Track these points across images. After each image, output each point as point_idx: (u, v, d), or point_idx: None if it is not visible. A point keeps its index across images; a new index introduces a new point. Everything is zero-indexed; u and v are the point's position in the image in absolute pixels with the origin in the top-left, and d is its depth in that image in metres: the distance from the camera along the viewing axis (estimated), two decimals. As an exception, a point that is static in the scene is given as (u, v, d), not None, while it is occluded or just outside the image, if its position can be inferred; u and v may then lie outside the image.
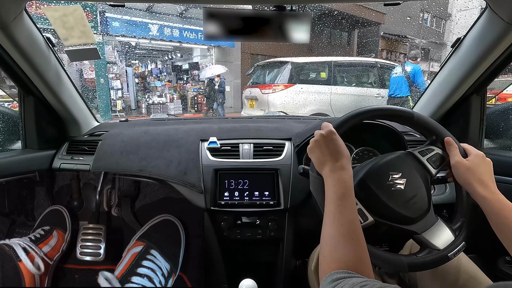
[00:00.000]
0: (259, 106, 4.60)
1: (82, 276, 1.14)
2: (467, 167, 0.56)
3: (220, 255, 0.95)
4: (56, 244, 1.07)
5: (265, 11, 0.75)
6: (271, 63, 5.17)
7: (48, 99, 1.01)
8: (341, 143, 0.57)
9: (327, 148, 0.57)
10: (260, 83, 4.92)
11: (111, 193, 1.29)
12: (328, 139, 0.57)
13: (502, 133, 1.06)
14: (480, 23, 0.80)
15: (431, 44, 17.35)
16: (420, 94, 1.13)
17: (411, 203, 0.58)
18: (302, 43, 0.80)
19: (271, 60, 5.30)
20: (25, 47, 0.82)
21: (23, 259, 0.90)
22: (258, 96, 4.60)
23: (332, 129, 0.58)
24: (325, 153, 0.57)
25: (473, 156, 0.58)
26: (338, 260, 0.44)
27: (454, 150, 0.60)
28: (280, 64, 4.78)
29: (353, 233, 0.47)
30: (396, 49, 15.04)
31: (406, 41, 14.95)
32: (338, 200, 0.51)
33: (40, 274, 0.93)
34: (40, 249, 1.00)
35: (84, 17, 0.89)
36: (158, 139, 1.02)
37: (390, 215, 0.58)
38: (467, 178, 0.56)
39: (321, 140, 0.58)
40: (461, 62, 0.89)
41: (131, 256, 0.94)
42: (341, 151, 0.56)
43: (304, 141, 0.95)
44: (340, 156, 0.55)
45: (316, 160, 0.59)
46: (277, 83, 4.51)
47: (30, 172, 1.04)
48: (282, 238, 0.93)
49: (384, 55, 14.31)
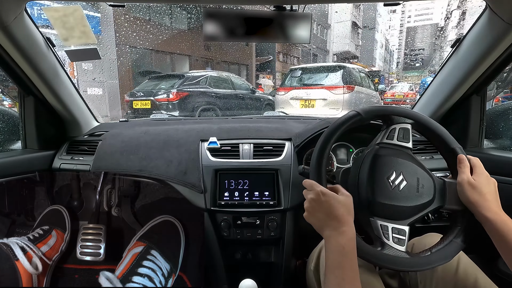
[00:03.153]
0: (329, 105, 4.76)
1: (82, 276, 1.14)
2: (472, 186, 0.55)
3: (220, 255, 0.95)
4: (55, 244, 1.07)
5: (265, 11, 0.75)
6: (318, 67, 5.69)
7: (48, 99, 1.01)
8: (334, 203, 0.53)
9: (320, 213, 0.54)
10: (310, 85, 5.13)
11: (111, 193, 1.29)
12: (319, 202, 0.55)
13: (502, 133, 1.06)
14: (480, 23, 0.80)
15: (319, 50, 19.13)
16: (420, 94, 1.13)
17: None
18: (302, 43, 0.80)
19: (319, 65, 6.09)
20: (25, 47, 0.82)
21: (21, 258, 0.89)
22: (328, 97, 4.77)
23: (320, 190, 0.55)
24: (320, 218, 0.55)
25: (478, 174, 0.57)
26: None
27: (464, 168, 0.58)
28: (333, 68, 5.27)
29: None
30: (290, 53, 15.34)
31: (299, 45, 15.09)
32: (336, 270, 0.49)
33: (38, 274, 0.93)
34: (39, 248, 0.99)
35: (84, 17, 0.89)
36: (158, 139, 1.02)
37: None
38: (472, 198, 0.55)
39: (313, 206, 0.56)
40: (461, 62, 0.89)
41: (131, 256, 0.94)
42: (335, 211, 0.53)
43: (304, 141, 0.95)
44: (335, 217, 0.52)
45: (315, 226, 0.57)
46: (337, 85, 4.86)
47: (30, 172, 1.04)
48: (282, 238, 0.93)
49: (281, 57, 14.58)
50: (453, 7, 36.20)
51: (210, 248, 0.94)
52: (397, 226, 0.58)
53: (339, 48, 22.16)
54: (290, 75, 5.47)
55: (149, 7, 8.24)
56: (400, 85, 12.12)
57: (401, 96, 10.48)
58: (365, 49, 30.75)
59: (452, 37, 35.44)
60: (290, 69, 5.76)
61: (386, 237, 0.58)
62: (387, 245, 0.57)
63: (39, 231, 1.07)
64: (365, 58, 30.79)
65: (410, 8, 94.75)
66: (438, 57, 50.12)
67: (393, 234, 0.58)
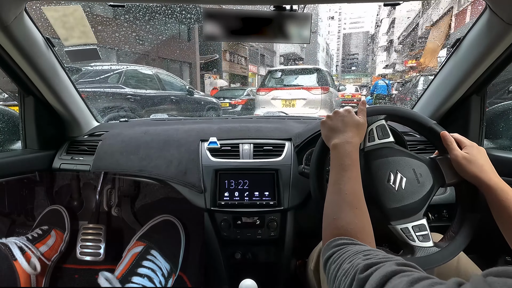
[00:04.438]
0: (308, 104, 5.06)
1: (82, 276, 1.14)
2: (468, 160, 0.57)
3: (220, 255, 0.95)
4: (54, 244, 1.06)
5: (265, 11, 0.75)
6: (296, 69, 6.13)
7: (48, 99, 1.01)
8: (351, 119, 0.59)
9: (338, 121, 0.60)
10: (290, 85, 5.45)
11: (111, 193, 1.29)
12: (340, 114, 0.60)
13: (502, 133, 1.06)
14: (479, 24, 0.80)
15: (266, 50, 18.95)
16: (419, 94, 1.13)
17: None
18: (302, 43, 0.80)
19: (297, 67, 6.38)
20: (25, 47, 0.82)
21: (19, 259, 0.89)
22: (307, 97, 5.08)
23: (349, 108, 0.61)
24: (334, 125, 0.60)
25: (468, 148, 0.58)
26: (342, 227, 0.45)
27: (452, 144, 0.60)
28: (310, 71, 5.80)
29: (357, 202, 0.48)
30: (238, 52, 14.62)
31: (246, 44, 14.70)
32: (343, 171, 0.52)
33: (36, 274, 0.92)
34: (37, 248, 0.99)
35: (84, 17, 0.89)
36: (158, 139, 1.02)
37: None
38: (472, 171, 0.56)
39: (335, 114, 0.61)
40: (461, 63, 0.89)
41: (131, 256, 0.94)
42: (348, 124, 0.58)
43: (304, 141, 0.95)
44: (346, 129, 0.58)
45: (325, 132, 0.62)
46: (314, 86, 5.23)
47: (30, 172, 1.04)
48: (282, 238, 0.93)
49: (227, 56, 13.61)
50: (383, 16, 38.43)
51: (210, 248, 0.94)
52: (416, 223, 0.58)
53: (286, 50, 22.23)
54: (270, 76, 5.74)
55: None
56: (347, 87, 14.00)
57: (349, 96, 12.12)
58: (309, 52, 31.35)
59: (383, 43, 37.62)
60: (268, 70, 6.05)
61: (412, 239, 0.58)
62: (416, 248, 0.57)
63: (38, 231, 1.06)
64: (310, 60, 31.49)
65: (345, 16, 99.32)
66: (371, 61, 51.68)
67: (416, 233, 0.58)
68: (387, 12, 35.15)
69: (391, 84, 9.53)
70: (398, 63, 26.60)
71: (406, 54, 23.30)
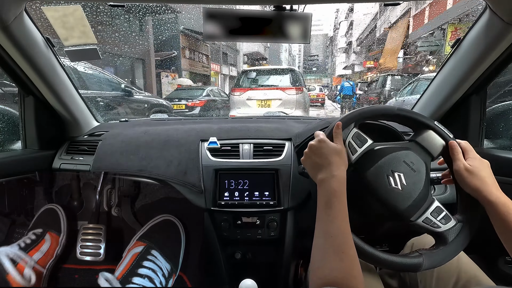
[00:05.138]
0: (283, 105, 5.09)
1: (82, 276, 1.14)
2: (470, 172, 0.56)
3: (220, 255, 0.95)
4: (49, 249, 1.03)
5: (265, 11, 0.75)
6: (271, 69, 6.07)
7: (48, 99, 1.01)
8: (330, 150, 0.57)
9: (316, 156, 0.58)
10: (265, 86, 5.43)
11: (111, 193, 1.29)
12: (317, 147, 0.58)
13: (502, 133, 1.06)
14: (479, 24, 0.80)
15: (228, 49, 17.77)
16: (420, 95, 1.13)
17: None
18: (302, 43, 0.80)
19: (271, 67, 6.32)
20: (25, 47, 0.82)
21: (11, 272, 0.85)
22: (282, 97, 5.12)
23: (322, 137, 0.58)
24: (314, 162, 0.58)
25: (471, 159, 0.58)
26: (325, 277, 0.43)
27: (458, 155, 0.59)
28: (284, 71, 5.73)
29: (343, 245, 0.47)
30: (198, 49, 13.49)
31: (208, 42, 13.63)
32: (328, 209, 0.51)
33: (32, 285, 0.88)
34: (31, 257, 0.95)
35: (84, 17, 0.89)
36: (158, 139, 1.02)
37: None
38: (473, 184, 0.55)
39: (311, 150, 0.59)
40: (461, 62, 0.89)
41: (131, 257, 0.94)
42: (327, 156, 0.56)
43: (304, 141, 0.95)
44: (328, 163, 0.55)
45: (309, 170, 0.60)
46: (288, 86, 5.24)
47: (30, 172, 1.04)
48: (282, 238, 0.93)
49: (187, 54, 12.32)
50: (341, 19, 39.90)
51: (210, 248, 0.94)
52: (432, 208, 0.59)
53: (249, 49, 21.51)
54: (245, 76, 5.67)
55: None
56: (312, 87, 14.65)
57: (314, 96, 12.67)
58: (273, 52, 31.02)
59: (342, 45, 38.88)
60: (243, 70, 5.99)
61: (437, 226, 0.58)
62: (444, 233, 0.57)
63: (31, 235, 1.03)
64: (273, 61, 31.04)
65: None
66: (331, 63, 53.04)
67: (437, 219, 0.58)
68: (345, 15, 35.87)
69: (355, 84, 10.39)
70: (356, 64, 27.09)
71: (364, 55, 23.65)
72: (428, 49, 10.76)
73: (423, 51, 11.15)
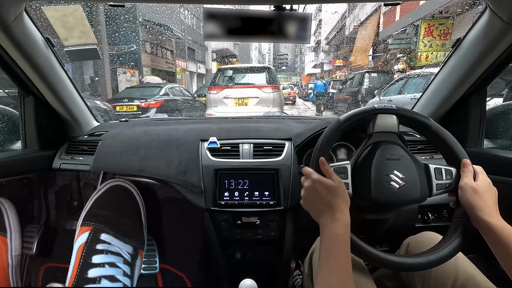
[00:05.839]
0: (260, 103, 5.07)
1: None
2: (474, 190, 0.55)
3: (220, 255, 0.95)
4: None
5: (265, 11, 0.75)
6: (248, 67, 5.94)
7: (48, 99, 1.01)
8: (326, 191, 0.54)
9: (316, 200, 0.56)
10: (242, 84, 5.40)
11: (111, 193, 1.29)
12: (314, 190, 0.56)
13: (502, 133, 1.06)
14: (479, 23, 0.80)
15: (195, 44, 16.54)
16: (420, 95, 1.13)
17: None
18: (302, 43, 0.80)
19: (248, 65, 6.22)
20: (25, 47, 0.82)
21: None
22: (259, 95, 5.10)
23: (316, 178, 0.56)
24: (315, 206, 0.56)
25: (481, 181, 0.57)
26: None
27: (467, 173, 0.59)
28: (260, 69, 5.76)
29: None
30: (162, 44, 12.41)
31: (172, 36, 12.76)
32: (330, 256, 0.49)
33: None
34: None
35: (84, 17, 0.89)
36: (158, 139, 1.02)
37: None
38: (473, 201, 0.54)
39: (308, 194, 0.57)
40: (461, 62, 0.89)
41: (77, 253, 0.71)
42: (328, 199, 0.54)
43: (304, 141, 0.95)
44: (329, 206, 0.53)
45: (310, 213, 0.58)
46: (264, 84, 5.23)
47: (30, 172, 1.04)
48: (282, 238, 0.93)
49: (148, 48, 11.21)
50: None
51: (210, 248, 0.94)
52: (433, 172, 0.62)
53: (218, 46, 20.58)
54: (221, 74, 5.57)
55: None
56: (283, 86, 15.12)
57: (286, 94, 12.54)
58: (243, 49, 30.55)
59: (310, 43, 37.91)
60: (219, 68, 5.84)
61: (449, 185, 0.61)
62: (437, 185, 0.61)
63: None
64: (243, 58, 30.54)
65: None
66: (300, 61, 53.39)
67: (444, 179, 0.61)
68: (314, 14, 36.57)
69: (328, 82, 10.73)
70: (326, 63, 27.15)
71: (333, 54, 23.63)
72: (400, 46, 10.74)
73: (394, 48, 11.12)
